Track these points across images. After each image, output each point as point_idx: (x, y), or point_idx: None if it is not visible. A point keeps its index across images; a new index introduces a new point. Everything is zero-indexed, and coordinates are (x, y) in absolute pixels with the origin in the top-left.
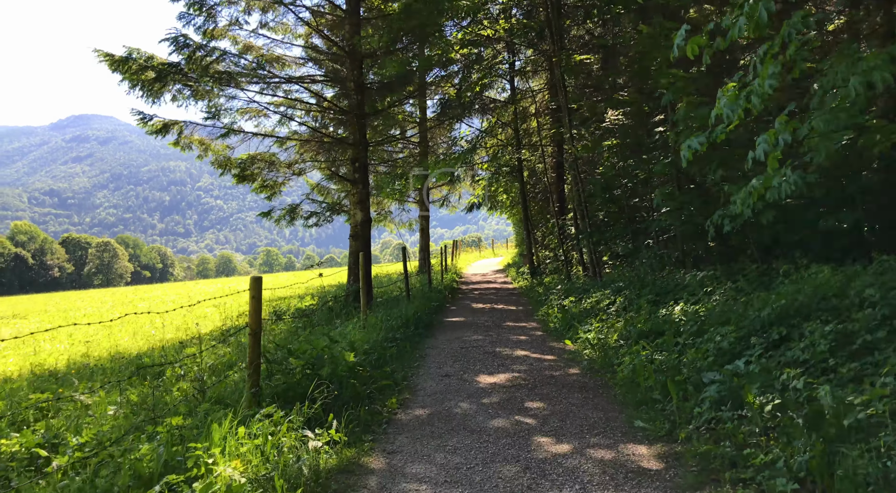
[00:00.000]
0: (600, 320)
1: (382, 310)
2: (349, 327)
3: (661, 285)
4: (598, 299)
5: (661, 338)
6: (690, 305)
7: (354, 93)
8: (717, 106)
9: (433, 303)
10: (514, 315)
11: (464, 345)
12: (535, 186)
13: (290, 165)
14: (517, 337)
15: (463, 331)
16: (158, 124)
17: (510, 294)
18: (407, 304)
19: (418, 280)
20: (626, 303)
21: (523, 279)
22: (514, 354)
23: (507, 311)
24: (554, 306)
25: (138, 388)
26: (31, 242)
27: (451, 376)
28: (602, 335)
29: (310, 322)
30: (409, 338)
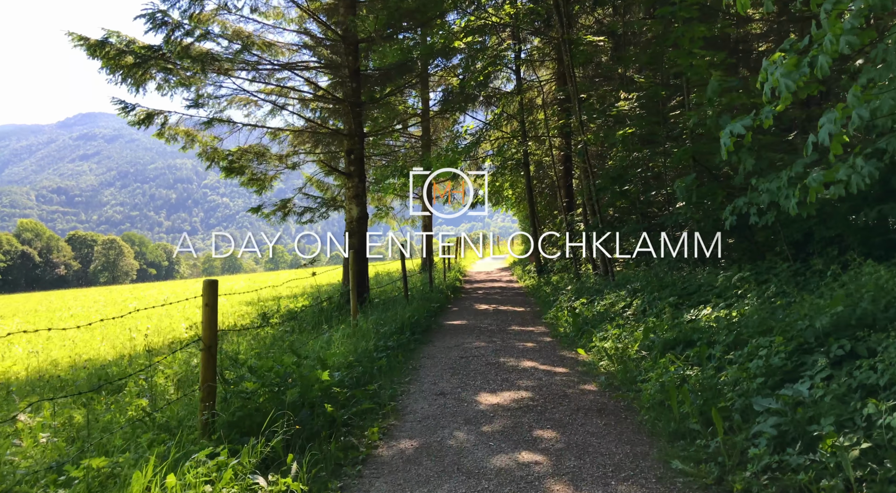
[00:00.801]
0: (617, 325)
1: (377, 312)
2: (336, 334)
3: (683, 286)
4: (612, 301)
5: (692, 349)
6: (720, 309)
7: (349, 80)
8: (766, 76)
9: (433, 304)
10: (521, 318)
11: (464, 354)
12: (542, 180)
13: (282, 157)
14: (524, 344)
15: (464, 336)
16: (141, 114)
17: (516, 294)
18: (404, 306)
19: (420, 279)
20: (644, 306)
21: (530, 278)
22: (521, 365)
23: (512, 313)
24: (564, 308)
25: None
26: (38, 239)
27: (447, 394)
28: (620, 344)
29: (298, 326)
30: (403, 346)
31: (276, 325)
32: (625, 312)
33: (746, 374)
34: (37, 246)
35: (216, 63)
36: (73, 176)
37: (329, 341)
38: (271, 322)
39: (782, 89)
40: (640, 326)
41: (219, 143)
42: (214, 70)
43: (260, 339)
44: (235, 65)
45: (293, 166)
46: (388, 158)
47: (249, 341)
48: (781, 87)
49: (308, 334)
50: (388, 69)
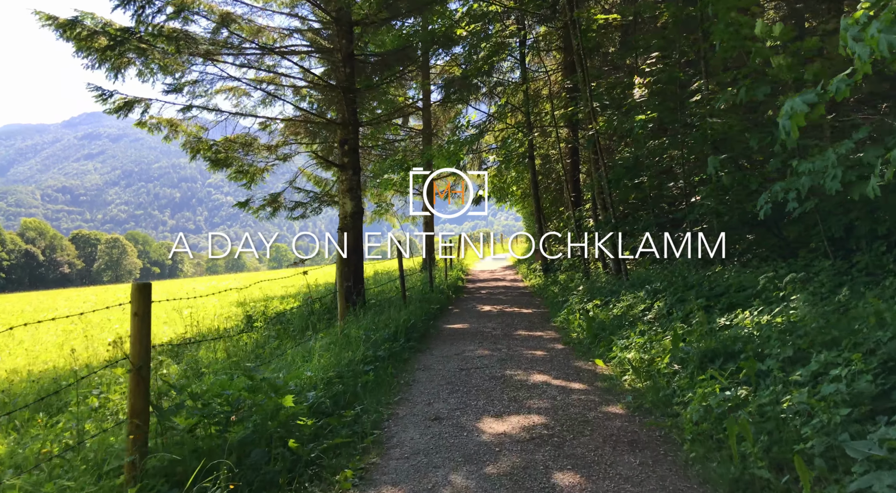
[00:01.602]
0: (639, 331)
1: (371, 316)
2: (319, 343)
3: (710, 287)
4: (629, 304)
5: (735, 363)
6: (762, 314)
7: (343, 65)
8: (846, 38)
9: (433, 306)
10: (528, 321)
11: (465, 364)
12: (548, 175)
13: (271, 148)
14: (532, 352)
15: (465, 343)
16: (119, 102)
17: (521, 294)
18: (401, 308)
19: (420, 278)
20: (668, 309)
21: (535, 277)
22: (531, 380)
23: (518, 315)
24: (575, 310)
25: (29, 427)
26: (41, 238)
27: (444, 418)
28: (646, 354)
29: (284, 331)
30: (395, 355)
31: (262, 329)
32: (645, 315)
33: (824, 403)
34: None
35: (195, 45)
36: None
37: (311, 350)
38: (255, 326)
39: (883, 49)
40: (666, 333)
41: (204, 133)
42: (195, 53)
43: (241, 346)
44: (218, 48)
45: (284, 158)
46: (388, 152)
47: (227, 348)
48: (882, 45)
49: (294, 340)
50: (385, 55)
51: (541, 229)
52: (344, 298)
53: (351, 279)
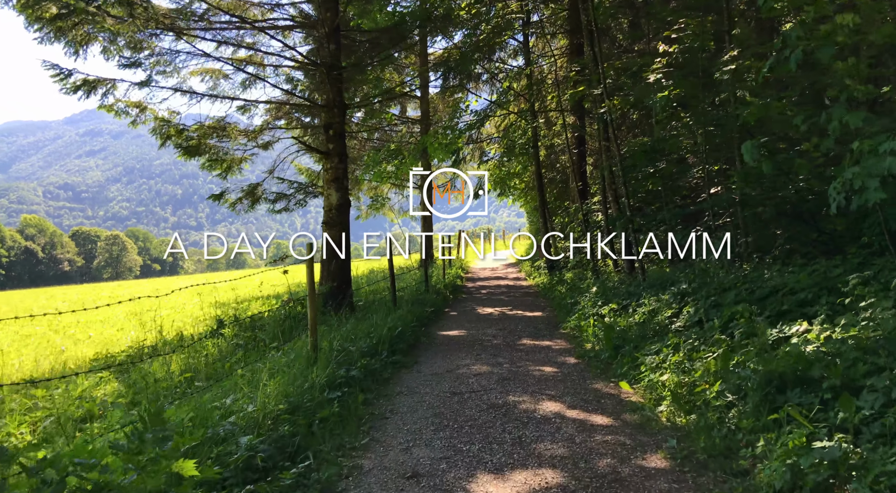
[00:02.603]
0: (672, 345)
1: (353, 323)
2: (283, 358)
3: (750, 289)
4: (652, 308)
5: (816, 394)
6: (831, 325)
7: (327, 40)
8: None
9: (427, 309)
10: (533, 327)
11: (458, 386)
12: (552, 167)
13: (250, 134)
14: (540, 369)
15: (461, 355)
16: (79, 81)
17: (525, 294)
18: (389, 313)
19: (417, 277)
20: (701, 315)
21: (540, 275)
22: (540, 410)
23: (522, 320)
24: (588, 315)
25: None
26: (41, 235)
27: (423, 476)
28: (685, 376)
29: (253, 338)
30: (373, 374)
31: (231, 335)
32: (672, 323)
33: None
34: (40, 242)
35: (155, 15)
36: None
37: (270, 370)
38: (225, 332)
39: None
40: (708, 347)
41: (177, 117)
42: (162, 26)
43: (201, 356)
44: (187, 19)
45: (265, 146)
46: (384, 143)
47: (186, 360)
48: None
49: (259, 352)
50: (377, 34)
51: (545, 224)
52: (315, 304)
53: (337, 280)
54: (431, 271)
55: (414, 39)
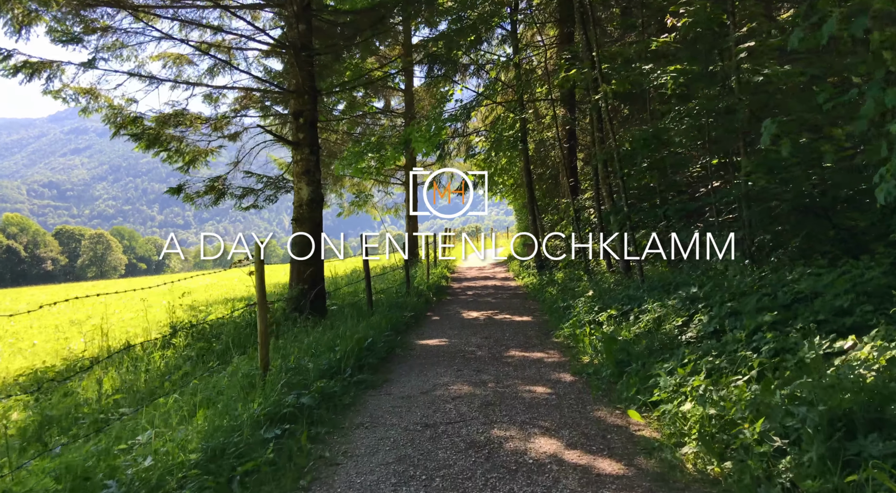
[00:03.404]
0: (689, 364)
1: (321, 331)
2: (227, 378)
3: (772, 294)
4: (659, 316)
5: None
6: (888, 343)
7: (296, 20)
8: None
9: (407, 313)
10: (523, 334)
11: (432, 415)
12: (542, 163)
13: (216, 124)
14: (531, 390)
15: (439, 371)
16: (20, 63)
17: (513, 296)
18: (363, 319)
19: (399, 277)
20: (719, 324)
21: (529, 275)
22: (532, 451)
23: (511, 326)
24: (584, 323)
25: None
26: (23, 233)
27: None
28: (712, 408)
29: (207, 349)
30: (330, 399)
31: (182, 345)
32: (683, 333)
33: None
34: (22, 240)
35: None
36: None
37: (209, 395)
38: (176, 341)
39: None
40: (737, 368)
41: (134, 105)
42: (114, 2)
43: (146, 372)
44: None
45: (233, 137)
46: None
47: (125, 376)
48: None
49: (206, 365)
50: (355, 16)
51: (535, 222)
52: (266, 315)
53: (308, 282)
54: (415, 271)
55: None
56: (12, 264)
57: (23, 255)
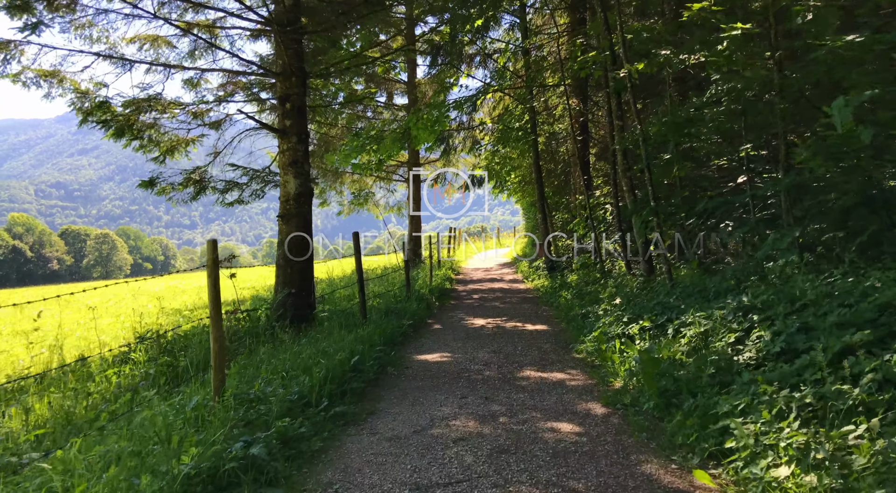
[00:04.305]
0: (774, 405)
1: (303, 346)
2: (172, 412)
3: (855, 305)
4: (706, 329)
5: None
6: None
7: None
8: None
9: (405, 321)
10: (537, 348)
11: (425, 472)
12: (552, 159)
13: (195, 110)
14: (555, 428)
15: (438, 399)
16: None
17: (523, 300)
18: (355, 329)
19: (397, 280)
20: (785, 343)
21: (538, 277)
22: None
23: (523, 336)
24: (612, 336)
25: None
26: (29, 234)
27: None
28: (830, 477)
29: (170, 365)
30: (293, 445)
31: (143, 358)
32: (739, 353)
33: None
34: (28, 241)
35: None
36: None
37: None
38: (135, 356)
39: None
40: (842, 408)
41: (102, 89)
42: None
43: (88, 397)
44: None
45: (215, 125)
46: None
47: (65, 400)
48: None
49: (161, 389)
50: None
51: (545, 220)
52: (221, 333)
53: (295, 286)
54: (417, 273)
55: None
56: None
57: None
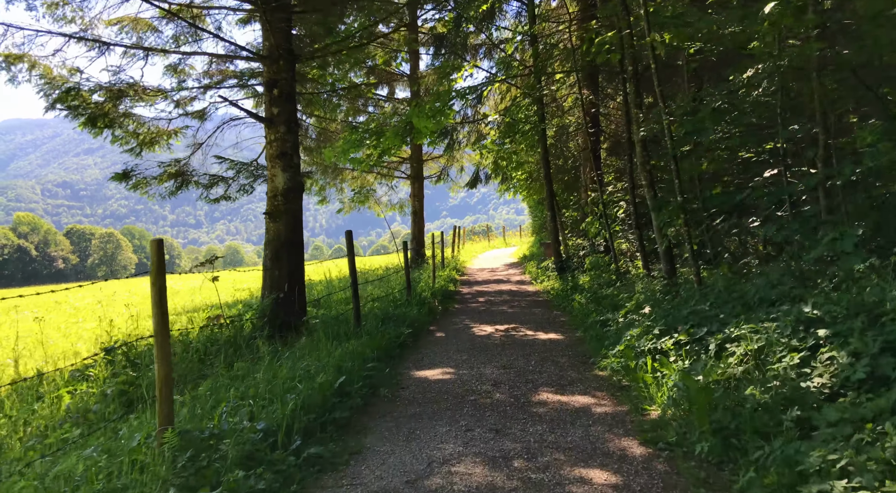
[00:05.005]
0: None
1: (280, 363)
2: (106, 455)
3: None
4: (760, 346)
5: None
6: None
7: None
8: None
9: (404, 329)
10: (552, 361)
11: None
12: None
13: (178, 99)
14: (586, 478)
15: (438, 434)
16: None
17: (533, 304)
18: (345, 341)
19: (399, 282)
20: (870, 368)
21: (548, 278)
22: None
23: (535, 347)
24: (643, 351)
25: None
26: (34, 233)
27: None
28: None
29: (132, 384)
30: None
31: (104, 379)
32: (807, 378)
33: None
34: (33, 240)
35: None
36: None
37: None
38: (91, 374)
39: None
40: None
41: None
42: None
43: (23, 427)
44: None
45: (200, 115)
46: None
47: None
48: None
49: (106, 420)
50: None
51: (554, 218)
52: (167, 356)
53: (284, 290)
54: (420, 274)
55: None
56: (23, 263)
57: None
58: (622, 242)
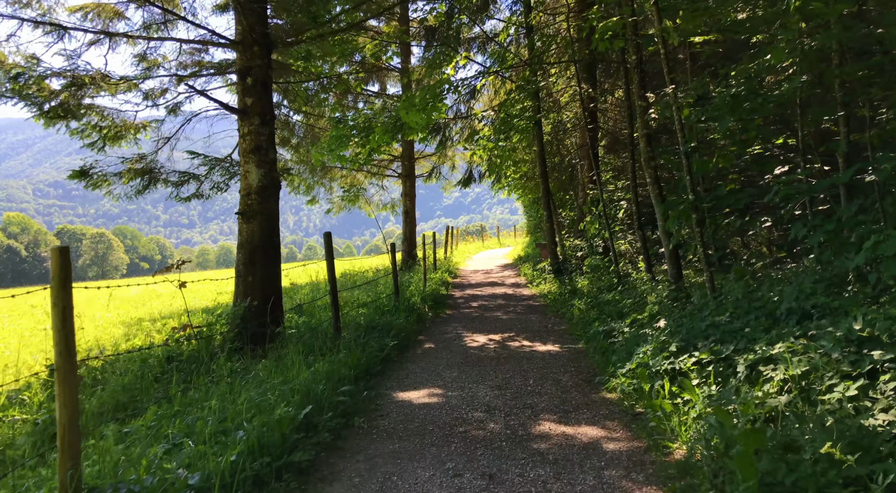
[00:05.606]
0: None
1: (242, 386)
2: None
3: None
4: (803, 372)
5: None
6: None
7: None
8: None
9: (389, 340)
10: (555, 381)
11: None
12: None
13: (146, 91)
14: None
15: (418, 476)
16: None
17: (529, 309)
18: (320, 358)
19: (389, 285)
20: None
21: (544, 281)
22: None
23: (534, 362)
24: (658, 372)
25: None
26: (24, 233)
27: None
28: None
29: None
30: None
31: (38, 404)
32: (867, 413)
33: None
34: (23, 240)
35: None
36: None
37: None
38: (25, 398)
39: None
40: None
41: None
42: None
43: None
44: None
45: (173, 110)
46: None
47: None
48: None
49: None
50: None
51: (550, 218)
52: (72, 388)
53: (258, 297)
54: (410, 277)
55: None
56: (13, 263)
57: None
58: (622, 243)
